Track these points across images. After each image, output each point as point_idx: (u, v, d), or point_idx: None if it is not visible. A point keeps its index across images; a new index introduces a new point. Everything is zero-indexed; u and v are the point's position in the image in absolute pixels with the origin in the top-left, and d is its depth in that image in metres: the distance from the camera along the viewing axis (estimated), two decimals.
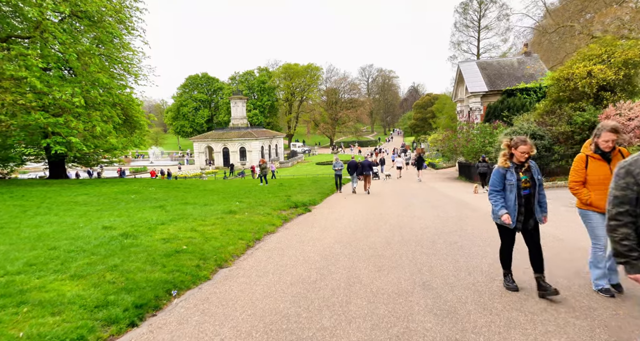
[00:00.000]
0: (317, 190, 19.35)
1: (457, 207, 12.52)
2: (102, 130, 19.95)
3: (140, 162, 79.19)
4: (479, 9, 54.16)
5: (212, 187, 20.41)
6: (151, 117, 32.28)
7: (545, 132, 18.07)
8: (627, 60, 16.92)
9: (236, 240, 7.34)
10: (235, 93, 72.95)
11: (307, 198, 15.38)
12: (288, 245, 7.37)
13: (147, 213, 10.08)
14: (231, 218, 9.56)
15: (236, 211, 10.64)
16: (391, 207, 13.05)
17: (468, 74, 31.99)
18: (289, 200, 14.32)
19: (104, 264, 5.22)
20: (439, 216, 10.27)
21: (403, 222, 9.50)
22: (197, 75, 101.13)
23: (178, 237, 7.09)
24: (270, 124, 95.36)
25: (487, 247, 6.54)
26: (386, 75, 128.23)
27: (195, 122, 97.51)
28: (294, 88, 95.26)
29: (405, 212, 11.40)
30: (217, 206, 11.93)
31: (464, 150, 25.50)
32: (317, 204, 14.40)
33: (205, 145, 66.24)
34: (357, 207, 13.28)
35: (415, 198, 16.20)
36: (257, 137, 64.14)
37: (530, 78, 29.76)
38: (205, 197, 15.07)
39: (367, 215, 10.97)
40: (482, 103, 30.58)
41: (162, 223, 8.33)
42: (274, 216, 10.39)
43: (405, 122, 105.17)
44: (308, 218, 10.80)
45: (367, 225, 9.34)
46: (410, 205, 13.61)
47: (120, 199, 13.85)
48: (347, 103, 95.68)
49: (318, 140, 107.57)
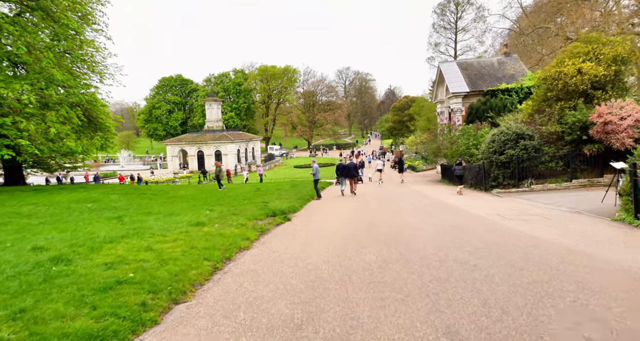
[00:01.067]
0: (297, 195, 18.05)
1: (450, 212, 11.46)
2: (59, 132, 18.10)
3: (111, 167, 75.80)
4: (456, 10, 54.16)
5: (183, 193, 18.82)
6: (117, 119, 30.27)
7: (535, 132, 17.33)
8: (616, 57, 16.36)
9: (201, 261, 5.97)
10: (210, 95, 70.91)
11: (286, 204, 14.07)
12: (264, 266, 6.06)
13: (97, 227, 8.55)
14: (198, 231, 8.16)
15: (205, 222, 9.23)
16: (380, 213, 11.88)
17: (449, 75, 31.38)
18: (266, 207, 12.98)
19: (7, 308, 3.78)
20: (435, 225, 9.13)
21: (397, 233, 8.32)
22: (171, 76, 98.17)
23: (126, 260, 5.67)
24: (247, 127, 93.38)
25: (508, 268, 5.38)
26: (363, 78, 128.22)
27: (168, 125, 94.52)
28: (270, 90, 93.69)
29: (396, 219, 10.24)
30: (184, 216, 10.48)
31: (448, 152, 24.70)
32: (298, 211, 13.11)
33: (179, 149, 63.85)
34: (342, 214, 12.05)
35: (403, 202, 15.11)
36: (233, 139, 62.25)
37: (511, 78, 29.35)
38: (172, 205, 13.54)
39: (355, 224, 9.76)
40: (463, 104, 29.97)
41: (111, 241, 6.86)
42: (249, 227, 9.04)
43: (382, 125, 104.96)
44: (288, 229, 9.49)
45: (356, 236, 8.11)
46: (399, 210, 12.48)
47: (73, 209, 12.18)
48: (324, 106, 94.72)
49: (296, 143, 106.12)
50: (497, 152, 17.70)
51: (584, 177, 16.28)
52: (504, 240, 7.12)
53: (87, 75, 24.96)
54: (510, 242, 7.00)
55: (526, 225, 8.70)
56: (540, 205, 12.04)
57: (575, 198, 12.92)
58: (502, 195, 16.44)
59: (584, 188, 15.55)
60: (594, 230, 7.76)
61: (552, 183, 16.38)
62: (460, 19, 54.62)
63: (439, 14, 54.86)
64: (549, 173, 17.08)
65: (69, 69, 21.55)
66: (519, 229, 8.19)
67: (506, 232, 7.97)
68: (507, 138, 17.39)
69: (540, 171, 17.04)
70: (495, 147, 17.74)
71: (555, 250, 6.26)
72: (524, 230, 8.10)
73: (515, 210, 11.12)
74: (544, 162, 16.79)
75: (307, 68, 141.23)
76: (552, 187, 16.24)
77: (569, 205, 11.45)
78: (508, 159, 17.25)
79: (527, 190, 16.62)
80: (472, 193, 18.70)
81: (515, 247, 6.55)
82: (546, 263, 5.47)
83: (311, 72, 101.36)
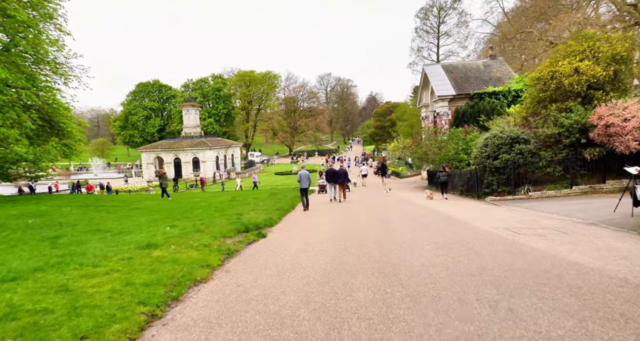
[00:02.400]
0: (275, 205, 16.44)
1: (449, 225, 10.03)
2: (7, 137, 16.08)
3: (83, 175, 72.37)
4: (438, 15, 53.65)
5: (148, 204, 16.96)
6: (82, 123, 28.13)
7: (530, 135, 16.18)
8: (615, 55, 15.39)
9: (133, 306, 4.32)
10: (188, 100, 68.71)
11: (263, 216, 12.46)
12: (222, 311, 4.44)
13: (13, 255, 6.75)
14: (145, 257, 6.47)
15: (159, 244, 7.53)
16: (368, 225, 10.36)
17: (434, 77, 30.37)
18: (239, 220, 11.34)
19: None
20: (437, 243, 7.65)
21: (394, 254, 6.81)
22: (149, 82, 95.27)
23: (19, 311, 3.98)
24: (227, 133, 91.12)
25: (561, 316, 3.89)
26: (345, 84, 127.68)
27: (145, 132, 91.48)
28: (251, 96, 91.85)
29: (390, 235, 8.73)
30: (137, 235, 8.74)
31: (436, 157, 23.48)
32: (275, 225, 11.50)
33: (154, 156, 61.29)
34: (326, 228, 10.50)
35: (394, 211, 13.65)
36: (212, 146, 60.11)
37: (498, 81, 28.50)
38: (129, 220, 11.73)
39: (342, 241, 8.21)
40: (449, 107, 28.94)
41: (15, 277, 5.11)
42: (213, 249, 7.39)
43: (364, 131, 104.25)
44: (261, 250, 7.87)
45: (344, 260, 6.57)
46: (391, 222, 10.99)
47: (6, 226, 10.26)
48: (306, 112, 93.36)
49: (277, 149, 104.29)
50: (490, 157, 16.49)
51: (585, 183, 15.15)
52: (529, 265, 5.68)
53: (50, 77, 22.93)
54: (538, 267, 5.56)
55: (544, 241, 7.31)
56: (547, 216, 10.74)
57: (582, 207, 11.68)
58: (497, 203, 15.17)
59: (586, 196, 14.40)
60: (631, 250, 6.41)
61: (550, 190, 15.20)
62: (443, 24, 54.16)
63: (421, 18, 54.28)
64: (546, 179, 15.92)
65: (27, 69, 19.49)
66: (540, 248, 6.78)
67: (526, 252, 6.54)
68: (501, 142, 16.20)
69: (537, 177, 15.86)
70: (489, 151, 16.53)
71: (605, 281, 4.83)
72: (546, 249, 6.70)
73: (523, 222, 9.76)
74: (541, 167, 15.62)
75: (289, 73, 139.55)
76: (551, 194, 15.05)
77: (580, 215, 10.17)
78: (503, 164, 16.04)
79: (524, 197, 15.40)
80: (465, 200, 17.42)
81: (551, 277, 5.10)
82: (610, 306, 4.03)
83: (293, 77, 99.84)
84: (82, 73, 25.07)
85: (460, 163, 22.60)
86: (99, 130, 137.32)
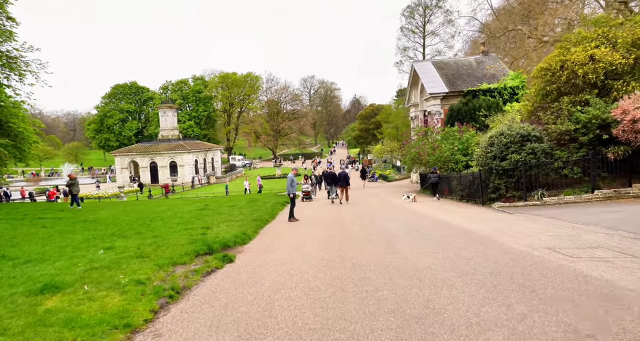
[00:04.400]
0: (253, 214, 14.16)
1: (467, 241, 7.89)
2: None
3: (54, 181, 68.35)
4: (424, 14, 52.17)
5: (101, 216, 14.42)
6: (36, 124, 25.26)
7: (542, 132, 14.26)
8: (636, 40, 13.61)
9: None
10: (165, 101, 65.76)
11: (235, 231, 10.19)
12: None
13: None
14: (24, 315, 4.10)
15: (66, 282, 5.15)
16: (366, 245, 8.13)
17: (425, 75, 28.50)
18: (203, 237, 9.05)
19: None
20: (466, 273, 5.47)
21: (412, 298, 4.59)
22: (125, 83, 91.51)
23: None
24: (207, 136, 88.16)
25: None
26: (328, 87, 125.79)
27: (122, 135, 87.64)
28: (232, 98, 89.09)
29: (397, 260, 6.52)
30: (50, 264, 6.34)
31: (430, 159, 21.48)
32: (249, 242, 9.22)
33: (129, 160, 58.09)
34: (311, 245, 8.24)
35: (392, 222, 11.45)
36: (190, 149, 57.26)
37: (492, 78, 26.78)
38: (62, 238, 9.23)
39: (334, 270, 5.97)
40: (442, 105, 27.07)
41: None
42: (148, 289, 5.06)
43: (349, 134, 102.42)
44: (221, 287, 5.57)
45: (342, 312, 4.33)
46: (392, 237, 8.79)
47: None
48: (289, 114, 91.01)
49: (260, 153, 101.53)
50: (497, 158, 14.49)
51: (607, 186, 13.25)
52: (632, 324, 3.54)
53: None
54: None
55: (617, 272, 5.21)
56: (583, 228, 8.69)
57: (619, 217, 9.71)
58: (508, 210, 13.16)
59: (611, 201, 12.48)
60: None
61: (569, 195, 13.25)
62: (428, 23, 52.68)
63: (407, 17, 52.71)
64: (561, 182, 13.99)
65: None
66: (625, 286, 4.66)
67: (613, 296, 4.40)
68: (509, 141, 14.22)
69: (551, 180, 13.92)
70: (495, 151, 14.53)
71: None
72: (635, 286, 4.59)
73: (561, 238, 7.67)
74: (556, 168, 13.70)
75: (270, 75, 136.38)
76: (569, 199, 13.10)
77: (627, 228, 8.14)
78: (512, 166, 14.05)
79: (537, 203, 13.43)
80: (468, 207, 15.38)
81: None
82: None
83: (274, 79, 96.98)
84: (39, 68, 22.46)
85: (457, 164, 20.66)
86: (75, 134, 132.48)
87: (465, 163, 20.46)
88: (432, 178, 19.71)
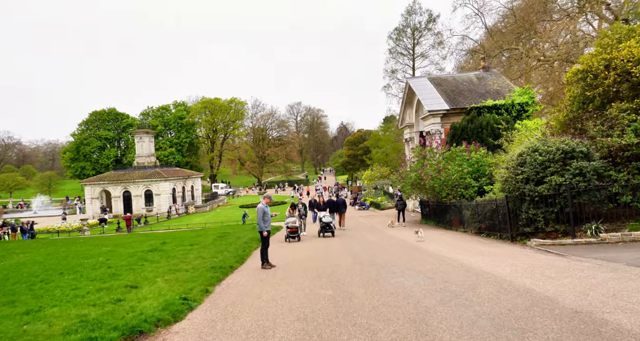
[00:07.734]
0: (215, 257, 10.54)
1: (552, 318, 4.41)
2: None
3: (20, 214, 63.21)
4: (412, 36, 50.37)
5: (8, 263, 10.59)
6: None
7: (589, 147, 11.09)
8: None
9: None
10: (141, 127, 62.10)
11: (173, 292, 6.62)
12: None
13: None
14: None
15: None
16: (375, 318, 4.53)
17: (422, 91, 25.69)
18: (107, 311, 5.45)
19: None
20: None
21: None
22: (104, 110, 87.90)
23: None
24: (189, 163, 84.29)
25: None
26: (315, 113, 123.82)
27: (99, 163, 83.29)
28: (216, 124, 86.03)
29: None
30: None
31: (435, 183, 18.18)
32: (185, 316, 5.57)
33: (100, 189, 53.72)
34: (283, 329, 4.62)
35: (406, 271, 7.78)
36: (167, 177, 53.24)
37: (496, 94, 24.03)
38: None
39: None
40: (442, 124, 24.10)
41: None
42: None
43: (336, 160, 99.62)
44: None
45: None
46: (417, 307, 5.17)
47: None
48: (275, 141, 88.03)
49: (245, 180, 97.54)
50: (531, 181, 11.21)
51: None
52: None
53: None
54: None
55: None
56: None
57: None
58: (554, 250, 9.76)
59: None
60: None
61: (636, 231, 9.93)
62: (418, 45, 50.86)
63: (394, 40, 50.82)
64: (618, 212, 10.73)
65: None
66: None
67: None
68: (547, 159, 10.99)
69: (609, 210, 10.64)
70: (529, 172, 11.25)
71: None
72: None
73: None
74: (612, 194, 10.46)
75: (255, 100, 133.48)
76: (638, 236, 9.78)
77: None
78: (553, 191, 10.77)
79: (592, 241, 10.07)
80: (495, 245, 11.89)
81: None
82: None
83: (260, 105, 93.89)
84: None
85: (467, 190, 17.41)
86: (54, 163, 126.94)
87: (477, 188, 17.24)
88: (399, 204, 21.59)
